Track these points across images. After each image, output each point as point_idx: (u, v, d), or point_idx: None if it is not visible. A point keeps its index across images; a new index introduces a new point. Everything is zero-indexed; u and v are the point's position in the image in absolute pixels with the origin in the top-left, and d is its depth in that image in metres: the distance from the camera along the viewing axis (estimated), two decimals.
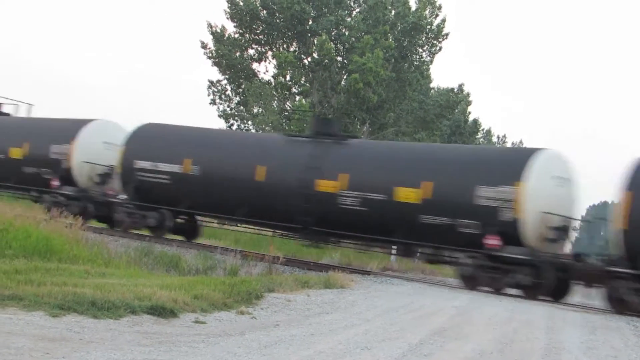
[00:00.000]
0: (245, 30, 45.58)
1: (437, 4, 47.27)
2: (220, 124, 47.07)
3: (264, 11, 44.69)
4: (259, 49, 46.20)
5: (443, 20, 47.29)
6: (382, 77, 41.54)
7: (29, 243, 15.97)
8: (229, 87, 47.36)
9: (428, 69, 48.71)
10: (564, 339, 12.91)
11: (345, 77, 43.90)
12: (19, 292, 10.71)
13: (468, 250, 20.44)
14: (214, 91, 47.40)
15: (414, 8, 46.23)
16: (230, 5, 44.90)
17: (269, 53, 45.72)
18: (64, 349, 8.33)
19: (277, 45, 45.37)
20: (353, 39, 43.75)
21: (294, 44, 45.27)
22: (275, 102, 44.95)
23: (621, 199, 19.05)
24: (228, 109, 47.41)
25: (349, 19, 45.11)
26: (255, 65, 46.47)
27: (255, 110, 45.22)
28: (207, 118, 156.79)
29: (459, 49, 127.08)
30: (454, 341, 11.57)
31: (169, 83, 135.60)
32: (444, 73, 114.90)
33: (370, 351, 10.15)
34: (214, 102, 47.37)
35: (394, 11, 45.93)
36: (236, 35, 45.87)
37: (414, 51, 46.56)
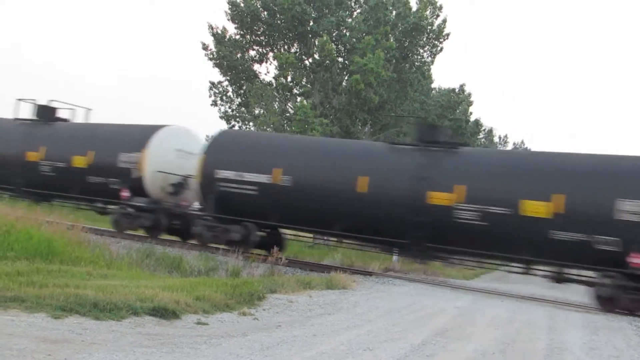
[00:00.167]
0: (246, 31, 45.59)
1: (437, 5, 47.34)
2: (221, 125, 47.14)
3: (265, 12, 44.70)
4: (260, 50, 46.21)
5: (444, 21, 47.37)
6: (383, 77, 41.54)
7: (30, 245, 15.95)
8: (230, 89, 47.37)
9: (429, 70, 48.75)
10: (566, 339, 12.91)
11: (346, 78, 43.91)
12: (21, 294, 10.71)
13: (606, 270, 19.29)
14: (215, 92, 47.43)
15: (414, 8, 46.27)
16: (231, 7, 44.92)
17: (270, 54, 45.74)
18: (66, 351, 8.33)
19: (278, 47, 45.37)
20: (354, 39, 43.74)
21: (295, 45, 45.27)
22: (277, 103, 44.95)
23: None
24: (229, 110, 47.44)
25: (349, 20, 45.11)
26: (256, 67, 46.52)
27: (257, 112, 45.22)
28: (209, 119, 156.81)
29: (460, 49, 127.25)
30: (456, 342, 11.57)
31: (170, 84, 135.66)
32: (445, 73, 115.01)
33: (372, 352, 10.15)
34: (215, 104, 47.41)
35: (394, 12, 45.96)
36: (237, 37, 45.88)
37: (415, 52, 46.58)
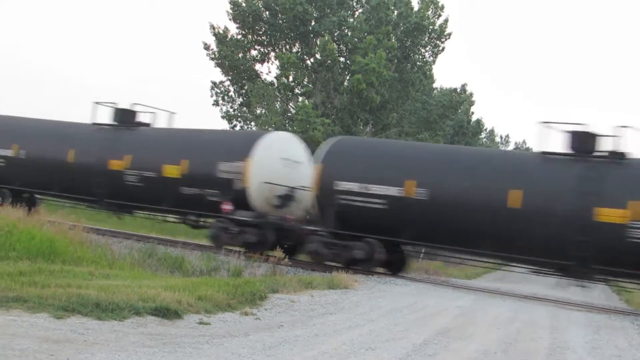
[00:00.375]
0: (247, 31, 45.61)
1: (439, 4, 47.32)
2: (223, 125, 47.11)
3: (267, 12, 44.71)
4: (261, 50, 46.23)
5: (445, 21, 47.36)
6: (385, 77, 41.54)
7: (32, 245, 15.97)
8: (231, 88, 47.37)
9: (431, 69, 48.75)
10: (568, 338, 12.91)
11: (348, 78, 43.91)
12: (23, 294, 10.71)
13: None
14: (216, 92, 47.41)
15: (416, 8, 46.27)
16: (232, 7, 44.94)
17: (272, 54, 45.76)
18: (69, 351, 8.33)
19: (280, 46, 45.38)
20: (356, 39, 43.74)
21: (296, 44, 45.28)
22: (278, 103, 44.95)
23: None
24: (231, 110, 47.41)
25: (351, 20, 45.10)
26: (258, 66, 46.53)
27: (258, 111, 45.20)
28: (210, 119, 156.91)
29: (462, 49, 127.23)
30: (458, 341, 11.57)
31: (171, 84, 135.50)
32: (446, 73, 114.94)
33: (374, 351, 10.16)
34: (217, 103, 47.39)
35: (396, 11, 45.96)
36: (239, 37, 45.90)
37: (416, 51, 46.59)
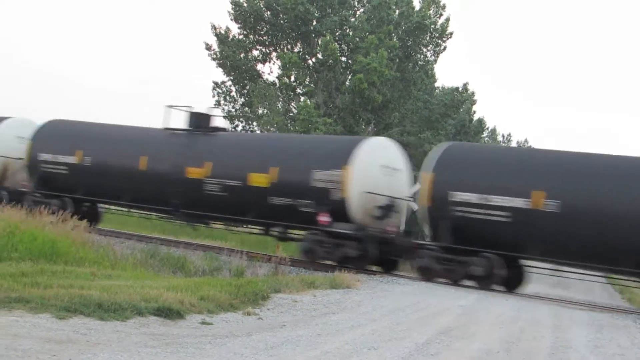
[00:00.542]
0: (249, 31, 45.67)
1: (441, 4, 47.35)
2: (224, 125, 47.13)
3: (268, 12, 44.77)
4: (263, 50, 46.30)
5: (447, 20, 47.39)
6: (387, 77, 41.56)
7: (35, 246, 15.98)
8: (233, 88, 47.45)
9: (432, 69, 48.77)
10: (571, 337, 12.89)
11: (349, 77, 43.95)
12: (25, 295, 10.72)
13: None
14: (218, 92, 47.52)
15: (417, 8, 46.27)
16: (234, 7, 44.98)
17: (273, 54, 45.82)
18: (71, 351, 8.34)
19: (282, 46, 45.44)
20: (357, 39, 43.78)
21: (298, 44, 45.33)
22: (280, 102, 45.00)
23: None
24: (233, 110, 47.51)
25: (353, 19, 45.14)
26: (259, 66, 46.67)
27: (260, 111, 45.28)
28: None
29: (464, 48, 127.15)
30: (461, 340, 11.56)
31: (172, 84, 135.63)
32: (448, 72, 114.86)
33: (376, 351, 10.15)
34: (218, 104, 47.52)
35: (398, 11, 45.99)
36: (240, 37, 45.96)
37: (418, 51, 46.63)
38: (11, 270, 13.03)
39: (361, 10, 46.32)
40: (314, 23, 44.34)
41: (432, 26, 46.52)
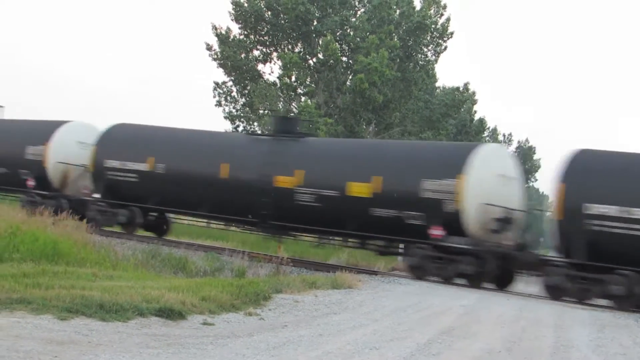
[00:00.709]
0: (250, 31, 45.64)
1: (441, 3, 47.33)
2: (226, 126, 47.17)
3: (269, 12, 44.73)
4: (264, 50, 46.25)
5: (448, 19, 47.38)
6: (388, 76, 41.52)
7: (36, 247, 15.99)
8: (234, 89, 47.42)
9: (433, 68, 48.75)
10: (573, 337, 12.88)
11: (350, 77, 43.91)
12: (27, 296, 10.73)
13: None
14: (219, 93, 47.46)
15: (418, 7, 46.25)
16: (234, 7, 44.96)
17: (274, 54, 45.77)
18: (73, 352, 8.34)
19: (282, 46, 45.40)
20: (358, 39, 43.75)
21: (299, 44, 45.30)
22: (281, 103, 44.97)
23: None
24: (234, 110, 47.48)
25: (353, 19, 45.12)
26: (260, 67, 46.59)
27: (261, 112, 45.25)
28: (213, 120, 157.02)
29: (464, 47, 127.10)
30: (462, 340, 11.56)
31: (173, 85, 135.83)
32: (449, 72, 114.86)
33: (378, 351, 10.15)
34: (219, 104, 47.43)
35: (398, 11, 45.95)
36: (241, 37, 45.93)
37: (419, 50, 46.57)
38: (13, 271, 13.04)
39: (362, 10, 46.28)
40: (315, 23, 44.30)
41: (433, 26, 46.47)
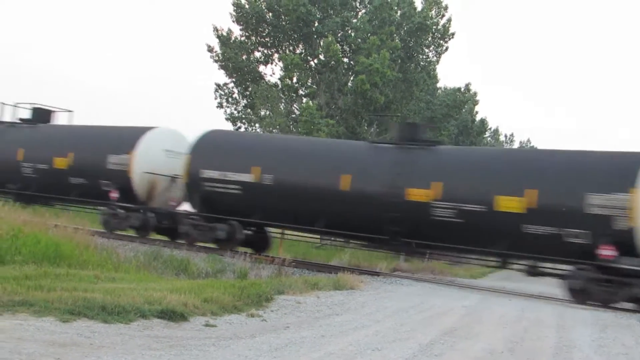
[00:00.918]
0: (251, 33, 45.69)
1: (442, 4, 47.36)
2: (227, 127, 47.23)
3: (270, 14, 44.77)
4: (265, 51, 46.31)
5: (449, 20, 47.41)
6: (389, 77, 41.56)
7: (38, 249, 15.97)
8: (235, 90, 47.49)
9: (434, 69, 48.80)
10: (575, 337, 12.88)
11: (352, 79, 43.95)
12: (29, 298, 10.72)
13: None
14: (220, 94, 47.53)
15: (419, 8, 46.29)
16: (236, 9, 45.01)
17: (275, 55, 45.82)
18: (75, 354, 8.33)
19: (284, 48, 45.44)
20: (359, 40, 43.78)
21: (300, 46, 45.34)
22: (282, 104, 45.01)
23: None
24: (235, 112, 47.55)
25: (354, 20, 45.15)
26: (261, 68, 46.67)
27: (263, 113, 45.30)
28: (214, 121, 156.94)
29: (465, 48, 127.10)
30: (465, 341, 11.55)
31: (174, 86, 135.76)
32: (450, 73, 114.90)
33: (380, 352, 10.15)
34: (221, 106, 47.53)
35: (399, 12, 46.00)
36: (242, 38, 45.99)
37: (420, 51, 46.64)
38: (15, 274, 13.02)
39: (363, 11, 46.33)
40: (316, 24, 44.34)
41: (434, 27, 46.54)
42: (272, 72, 47.01)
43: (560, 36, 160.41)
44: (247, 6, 44.77)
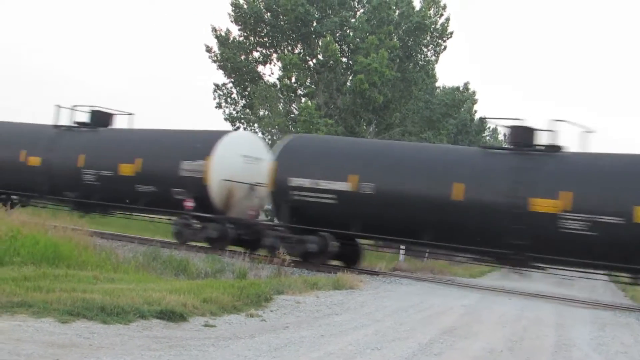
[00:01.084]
0: (249, 33, 45.67)
1: (441, 4, 47.38)
2: (226, 127, 47.21)
3: (268, 14, 44.75)
4: (263, 51, 46.29)
5: (447, 19, 47.41)
6: (388, 77, 41.54)
7: (37, 250, 15.95)
8: (234, 90, 47.47)
9: (433, 68, 48.77)
10: (574, 335, 12.90)
11: (350, 78, 43.95)
12: (28, 299, 10.71)
13: None
14: (219, 94, 47.50)
15: (418, 8, 46.28)
16: (234, 9, 44.99)
17: (274, 55, 45.81)
18: (74, 355, 8.33)
19: (282, 48, 45.42)
20: (358, 39, 43.76)
21: (298, 45, 45.31)
22: (281, 104, 45.00)
23: None
24: (234, 112, 47.52)
25: (353, 20, 45.13)
26: (260, 68, 46.65)
27: (261, 113, 45.30)
28: (213, 122, 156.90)
29: (464, 47, 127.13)
30: (464, 340, 11.56)
31: (173, 85, 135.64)
32: (449, 72, 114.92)
33: (380, 351, 10.15)
34: (219, 106, 47.48)
35: (398, 11, 45.98)
36: (241, 39, 45.97)
37: (418, 51, 46.61)
38: (13, 275, 13.01)
39: (361, 10, 46.29)
40: (314, 24, 44.31)
41: (433, 26, 46.51)
42: (271, 72, 47.10)
43: (559, 35, 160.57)
44: (245, 6, 44.76)
